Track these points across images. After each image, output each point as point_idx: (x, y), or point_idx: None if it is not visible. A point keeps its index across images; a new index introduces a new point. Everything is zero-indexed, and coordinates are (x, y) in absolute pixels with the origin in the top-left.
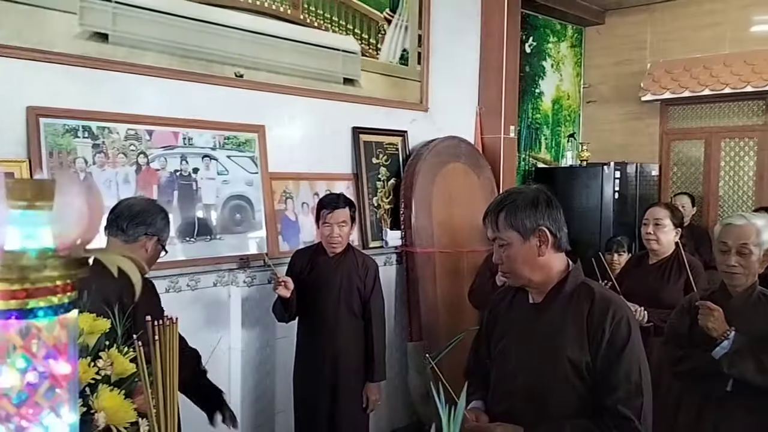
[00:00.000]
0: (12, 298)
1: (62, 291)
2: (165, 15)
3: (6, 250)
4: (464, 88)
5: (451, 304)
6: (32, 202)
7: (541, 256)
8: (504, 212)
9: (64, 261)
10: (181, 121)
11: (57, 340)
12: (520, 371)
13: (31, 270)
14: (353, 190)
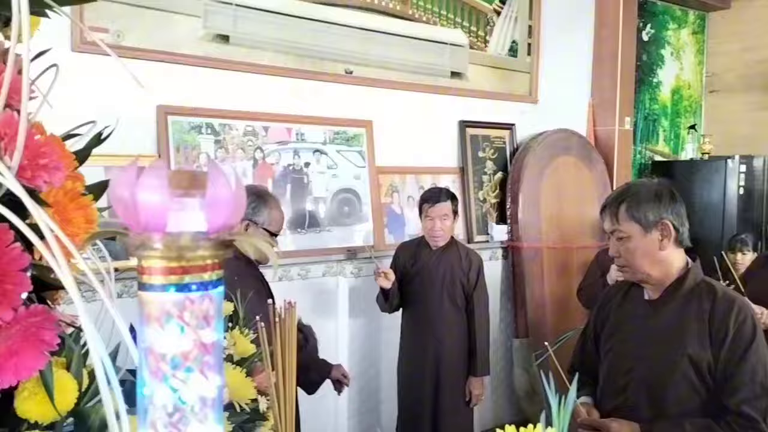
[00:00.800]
0: (171, 274)
1: (211, 269)
2: (281, 15)
3: (167, 232)
4: (576, 78)
5: (558, 301)
6: (188, 190)
7: (662, 250)
8: (625, 204)
9: (213, 243)
10: (294, 117)
11: (206, 312)
12: (636, 367)
13: (187, 250)
14: (459, 183)
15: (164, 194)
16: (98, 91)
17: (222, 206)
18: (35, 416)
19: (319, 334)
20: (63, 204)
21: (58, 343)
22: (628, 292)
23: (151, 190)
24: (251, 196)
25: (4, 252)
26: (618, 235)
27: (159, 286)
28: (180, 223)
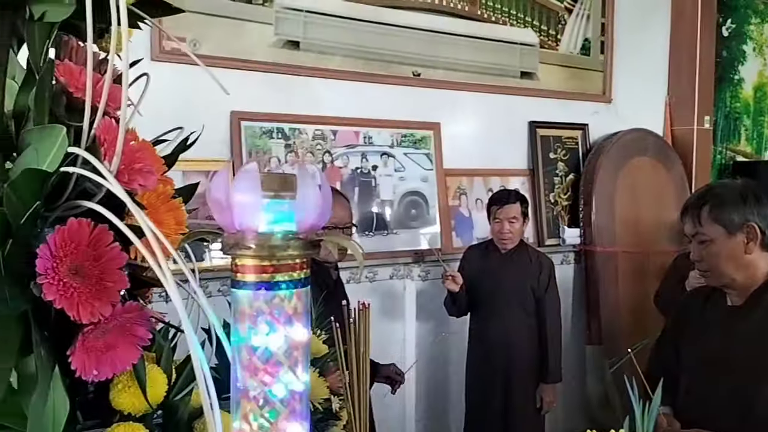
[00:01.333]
0: (262, 272)
1: (300, 268)
2: (349, 20)
3: (259, 232)
4: (652, 76)
5: (634, 307)
6: (278, 192)
7: (748, 253)
8: (708, 206)
9: (302, 242)
10: (362, 120)
11: (294, 309)
12: (721, 376)
13: (278, 249)
14: (529, 185)
15: (257, 196)
16: (176, 97)
17: (311, 208)
18: (128, 408)
19: (386, 337)
20: (155, 206)
21: (149, 339)
22: (710, 298)
23: (245, 193)
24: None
25: (104, 251)
26: (700, 239)
27: (251, 284)
28: (269, 223)
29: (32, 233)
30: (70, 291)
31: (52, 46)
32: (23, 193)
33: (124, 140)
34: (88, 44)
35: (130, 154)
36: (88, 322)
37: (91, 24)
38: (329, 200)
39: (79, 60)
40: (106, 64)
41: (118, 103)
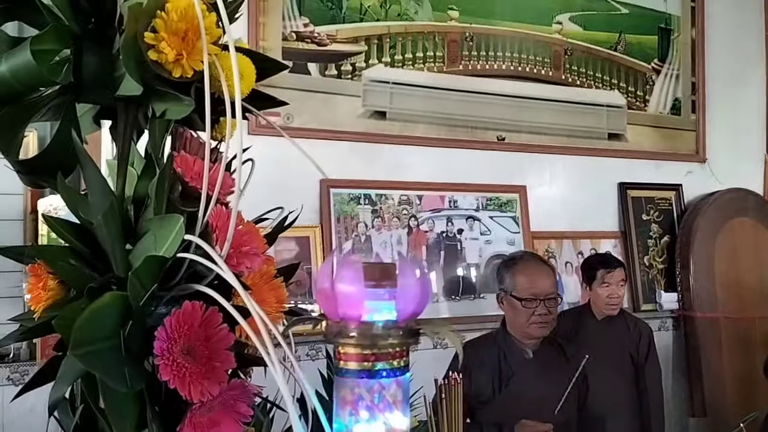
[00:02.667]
0: (364, 361)
1: (400, 356)
2: (433, 90)
3: (361, 321)
4: (748, 134)
5: (741, 377)
6: (379, 281)
7: None
8: None
9: (402, 331)
10: (447, 185)
11: (394, 397)
12: None
13: (379, 338)
14: (621, 248)
15: (359, 286)
16: (270, 167)
17: (410, 296)
18: None
19: None
20: (258, 286)
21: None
22: None
23: (348, 282)
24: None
25: (214, 332)
26: None
27: (354, 371)
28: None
29: (147, 312)
30: (183, 371)
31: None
32: (143, 279)
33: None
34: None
35: (238, 237)
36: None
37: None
38: (428, 288)
39: (192, 149)
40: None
41: (227, 189)
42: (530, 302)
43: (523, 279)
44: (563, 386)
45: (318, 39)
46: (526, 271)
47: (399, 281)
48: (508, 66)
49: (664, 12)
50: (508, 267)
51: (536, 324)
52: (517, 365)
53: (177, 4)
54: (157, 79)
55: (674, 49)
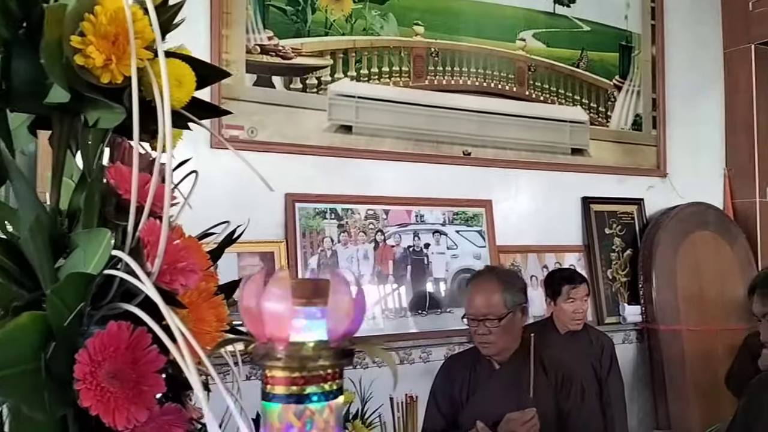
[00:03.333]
0: (293, 384)
1: (332, 378)
2: (399, 104)
3: (290, 342)
4: (708, 149)
5: (704, 389)
6: (310, 299)
7: None
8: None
9: (334, 352)
10: (414, 199)
11: (326, 422)
12: None
13: (309, 360)
14: (584, 261)
15: (287, 304)
16: (234, 182)
17: (343, 315)
18: None
19: None
20: (197, 304)
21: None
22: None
23: (275, 301)
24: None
25: (142, 354)
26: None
27: (281, 396)
28: (301, 332)
29: (77, 333)
30: (107, 396)
31: (107, 146)
32: (66, 297)
33: (169, 240)
34: (134, 148)
35: (174, 253)
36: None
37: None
38: (363, 306)
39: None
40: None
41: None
42: (471, 321)
43: (467, 299)
44: (540, 394)
45: (282, 52)
46: (469, 290)
47: (330, 298)
48: (473, 81)
49: (625, 30)
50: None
51: (479, 344)
52: (484, 377)
53: (107, 6)
54: (87, 86)
55: (635, 66)
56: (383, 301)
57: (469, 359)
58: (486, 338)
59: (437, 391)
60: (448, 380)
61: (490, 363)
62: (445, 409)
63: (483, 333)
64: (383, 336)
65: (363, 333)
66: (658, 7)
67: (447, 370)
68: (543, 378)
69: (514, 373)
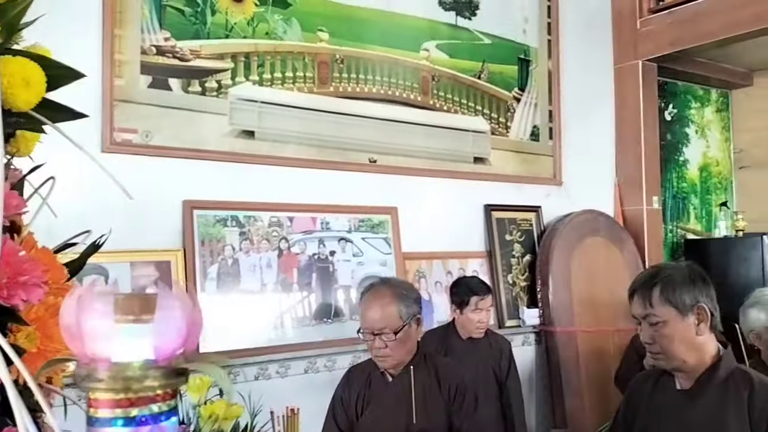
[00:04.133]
0: (117, 407)
1: (162, 399)
2: (304, 110)
3: (113, 362)
4: (600, 160)
5: (597, 387)
6: (138, 316)
7: (699, 335)
8: (659, 287)
9: (164, 371)
10: (319, 206)
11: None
12: None
13: (134, 380)
14: (487, 267)
15: (109, 322)
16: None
17: (172, 331)
18: None
19: None
20: (44, 320)
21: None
22: (658, 381)
23: (97, 318)
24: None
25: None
26: (652, 320)
27: (105, 420)
28: (126, 351)
29: None
30: None
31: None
32: None
33: (12, 251)
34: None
35: (16, 266)
36: None
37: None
38: (198, 322)
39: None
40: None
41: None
42: (366, 335)
43: (362, 311)
44: (431, 407)
45: (180, 54)
46: (363, 304)
47: (157, 314)
48: (378, 89)
49: (523, 44)
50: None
51: (376, 357)
52: (378, 390)
53: None
54: None
55: (533, 79)
56: (288, 309)
57: (367, 371)
58: (383, 351)
59: (336, 403)
60: (347, 392)
61: (384, 376)
62: (342, 421)
63: (379, 347)
64: (288, 345)
65: (269, 343)
66: (554, 22)
67: (346, 381)
68: (436, 391)
69: (407, 386)
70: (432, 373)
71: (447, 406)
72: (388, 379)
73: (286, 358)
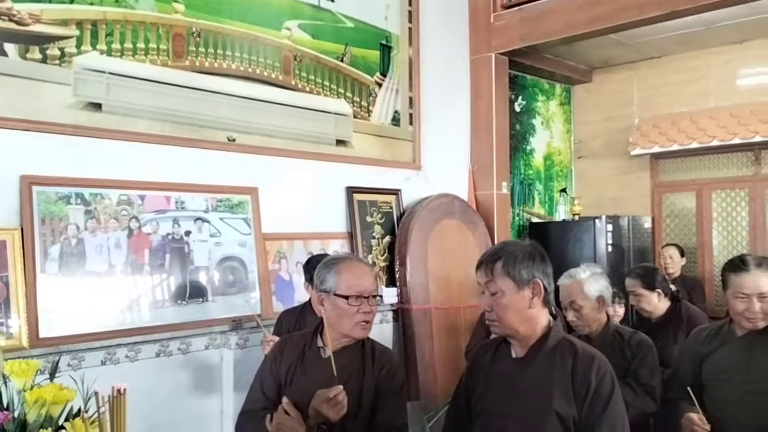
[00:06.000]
0: None
1: None
2: (157, 84)
3: None
4: (456, 146)
5: (449, 361)
6: None
7: (531, 308)
8: (502, 261)
9: None
10: (173, 185)
11: None
12: (507, 426)
13: None
14: (348, 248)
15: None
16: None
17: None
18: None
19: (202, 412)
20: None
21: None
22: (497, 351)
23: None
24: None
25: None
26: (491, 290)
27: None
28: None
29: None
30: None
31: None
32: None
33: None
34: None
35: None
36: None
37: None
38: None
39: None
40: None
41: None
42: (356, 300)
43: (350, 277)
44: (361, 388)
45: (18, 17)
46: (351, 269)
47: None
48: (237, 66)
49: (385, 30)
50: (330, 267)
51: (360, 324)
52: (311, 365)
53: None
54: None
55: (394, 65)
56: (139, 291)
57: (301, 344)
58: (369, 317)
59: (264, 371)
60: (278, 359)
61: (320, 350)
62: (269, 390)
63: (367, 311)
64: (139, 329)
65: (118, 327)
66: (415, 11)
67: (278, 349)
68: (370, 372)
69: (345, 360)
70: (367, 354)
71: (376, 387)
72: (323, 356)
73: (136, 342)
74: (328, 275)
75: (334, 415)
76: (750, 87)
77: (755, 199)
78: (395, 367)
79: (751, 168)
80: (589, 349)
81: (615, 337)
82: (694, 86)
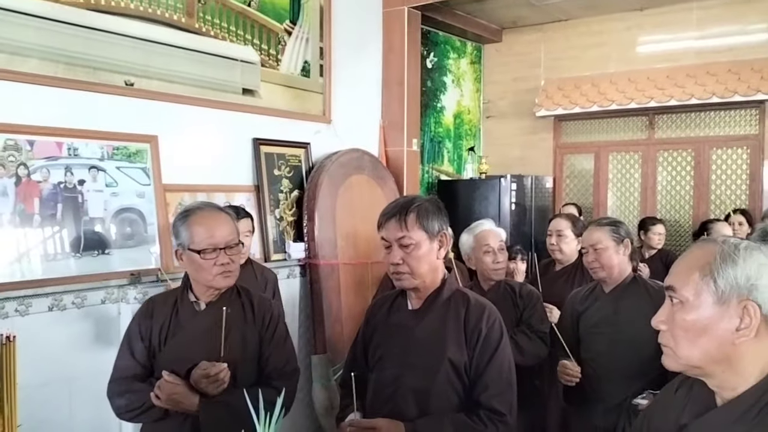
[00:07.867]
0: None
1: None
2: (49, 21)
3: None
4: (367, 101)
5: (355, 315)
6: None
7: (438, 258)
8: (414, 213)
9: None
10: (65, 130)
11: None
12: (403, 375)
13: None
14: (254, 201)
15: None
16: None
17: None
18: None
19: (101, 366)
20: None
21: None
22: (394, 303)
23: None
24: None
25: None
26: (405, 242)
27: None
28: None
29: None
30: None
31: None
32: None
33: None
34: None
35: None
36: None
37: None
38: None
39: None
40: None
41: None
42: (212, 253)
43: (201, 230)
44: (243, 338)
45: None
46: (202, 221)
47: None
48: (137, 6)
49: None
50: (183, 220)
51: (220, 275)
52: (186, 319)
53: None
54: None
55: (305, 13)
56: (29, 242)
57: (172, 299)
58: (229, 267)
59: (132, 335)
60: (148, 322)
61: (193, 305)
62: (140, 355)
63: (225, 263)
64: (29, 282)
65: (5, 279)
66: None
67: (145, 311)
68: (250, 322)
69: (218, 316)
70: (245, 303)
71: (259, 337)
72: (201, 307)
73: (26, 296)
74: (181, 228)
75: (213, 390)
76: (647, 53)
77: (647, 162)
78: (276, 315)
79: (645, 132)
80: (480, 300)
81: (506, 290)
82: (597, 51)
